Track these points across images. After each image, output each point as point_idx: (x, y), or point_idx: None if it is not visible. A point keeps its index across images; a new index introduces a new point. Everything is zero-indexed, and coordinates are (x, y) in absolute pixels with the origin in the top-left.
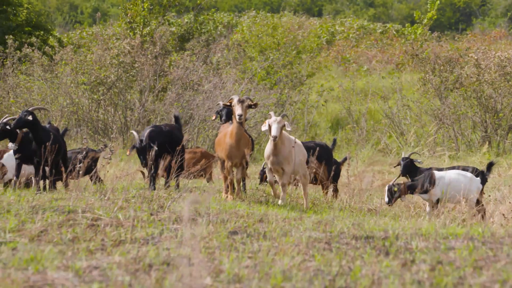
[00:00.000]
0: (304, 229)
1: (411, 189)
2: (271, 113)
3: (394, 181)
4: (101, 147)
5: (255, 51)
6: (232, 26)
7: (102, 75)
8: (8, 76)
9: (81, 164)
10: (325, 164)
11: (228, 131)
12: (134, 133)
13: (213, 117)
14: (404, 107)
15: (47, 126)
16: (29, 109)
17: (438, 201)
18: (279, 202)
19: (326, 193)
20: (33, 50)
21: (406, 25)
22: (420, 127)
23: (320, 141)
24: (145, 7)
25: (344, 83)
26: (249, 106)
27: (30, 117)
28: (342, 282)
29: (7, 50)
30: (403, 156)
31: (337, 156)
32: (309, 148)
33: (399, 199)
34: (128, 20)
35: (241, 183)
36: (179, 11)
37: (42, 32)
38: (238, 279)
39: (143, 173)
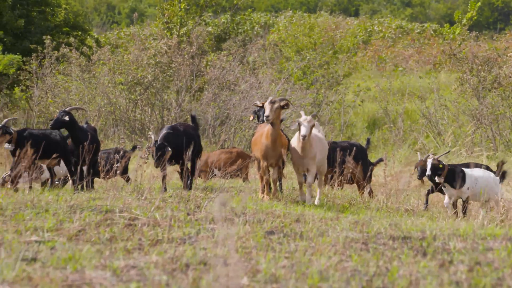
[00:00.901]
0: (341, 229)
1: (449, 174)
2: (301, 112)
3: (440, 156)
4: (133, 147)
5: (291, 51)
6: (269, 26)
7: (139, 75)
8: (46, 76)
9: (118, 163)
10: (361, 164)
11: (264, 131)
12: (151, 134)
13: (251, 117)
14: (441, 107)
15: (85, 126)
16: (66, 109)
17: (466, 199)
18: (306, 201)
19: (362, 193)
20: (71, 50)
21: (445, 25)
22: (457, 127)
23: (355, 141)
24: (182, 7)
25: (381, 83)
26: (282, 107)
27: (67, 118)
28: (379, 282)
29: (45, 50)
30: (419, 159)
31: (374, 156)
32: (343, 148)
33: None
34: (165, 20)
35: (278, 183)
36: (215, 11)
37: (80, 33)
38: (275, 279)
39: (179, 173)
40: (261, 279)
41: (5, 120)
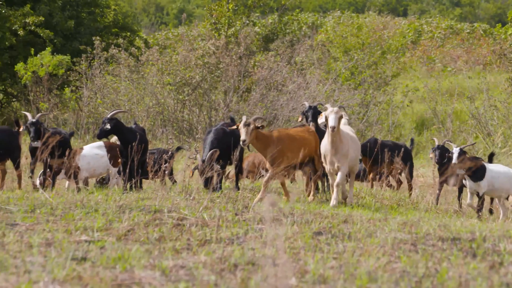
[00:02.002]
0: (389, 230)
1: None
2: (327, 105)
3: (466, 146)
4: (177, 148)
5: (339, 51)
6: (317, 27)
7: (187, 75)
8: (95, 77)
9: (166, 164)
10: (406, 164)
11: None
12: (198, 157)
13: (300, 119)
14: (491, 108)
15: (133, 126)
16: (108, 115)
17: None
18: (332, 203)
19: (411, 194)
20: (119, 51)
21: (497, 25)
22: (507, 128)
23: (402, 141)
24: (230, 8)
25: (429, 83)
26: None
27: (108, 126)
28: (429, 284)
29: (94, 51)
30: (436, 144)
31: (422, 157)
32: (386, 146)
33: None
34: (213, 21)
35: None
36: (263, 12)
37: (128, 33)
38: (323, 280)
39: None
40: (310, 280)
41: (38, 115)
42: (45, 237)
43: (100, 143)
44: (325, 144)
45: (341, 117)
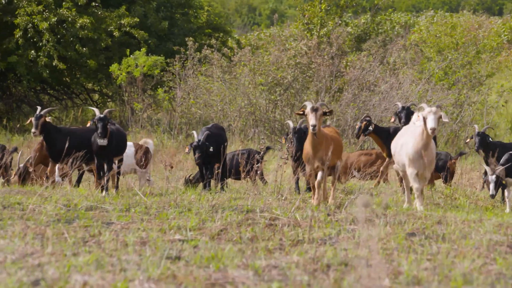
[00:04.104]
0: (484, 232)
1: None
2: (424, 105)
3: (498, 171)
4: (266, 148)
5: (433, 51)
6: (410, 26)
7: (279, 76)
8: (188, 77)
9: (258, 164)
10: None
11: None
12: (194, 132)
13: (392, 119)
14: None
15: (210, 126)
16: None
17: None
18: (418, 208)
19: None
20: (212, 52)
21: None
22: None
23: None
24: (322, 8)
25: None
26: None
27: (211, 149)
28: None
29: (188, 52)
30: (476, 131)
31: None
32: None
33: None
34: (305, 21)
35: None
36: (356, 12)
37: (221, 34)
38: (417, 281)
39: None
40: (403, 281)
41: (106, 111)
42: (140, 236)
43: (130, 143)
44: (414, 148)
45: (440, 117)
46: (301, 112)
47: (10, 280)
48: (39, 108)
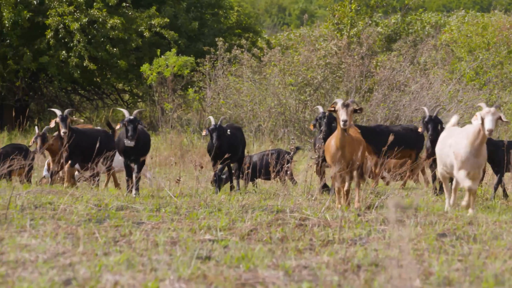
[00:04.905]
0: None
1: None
2: (482, 104)
3: None
4: (291, 149)
5: (463, 51)
6: (440, 26)
7: (309, 76)
8: (218, 77)
9: (288, 165)
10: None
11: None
12: (210, 117)
13: (420, 129)
14: None
15: (225, 125)
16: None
17: None
18: (469, 211)
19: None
20: (242, 52)
21: None
22: None
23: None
24: (352, 8)
25: None
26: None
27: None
28: None
29: (217, 52)
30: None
31: None
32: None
33: None
34: (335, 21)
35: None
36: (386, 12)
37: (251, 34)
38: (448, 282)
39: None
40: (434, 282)
41: (135, 112)
42: (170, 236)
43: None
44: (468, 148)
45: (499, 118)
46: (332, 109)
47: (42, 280)
48: (57, 110)
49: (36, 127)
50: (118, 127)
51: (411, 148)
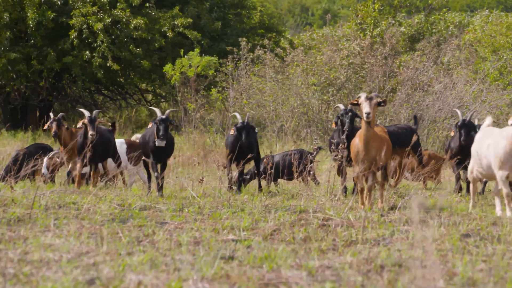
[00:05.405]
0: None
1: None
2: None
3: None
4: (314, 149)
5: (487, 51)
6: (464, 26)
7: (331, 76)
8: (241, 77)
9: (311, 165)
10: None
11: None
12: (236, 114)
13: (452, 133)
14: None
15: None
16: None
17: None
18: (508, 214)
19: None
20: (265, 52)
21: None
22: None
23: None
24: (375, 8)
25: None
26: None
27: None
28: None
29: (240, 52)
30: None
31: None
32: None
33: None
34: (358, 21)
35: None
36: (409, 12)
37: (274, 34)
38: (472, 283)
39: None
40: (458, 283)
41: (167, 111)
42: (193, 236)
43: (122, 140)
44: (505, 147)
45: None
46: (355, 102)
47: (65, 279)
48: (85, 111)
49: (51, 113)
50: (150, 126)
51: (406, 147)
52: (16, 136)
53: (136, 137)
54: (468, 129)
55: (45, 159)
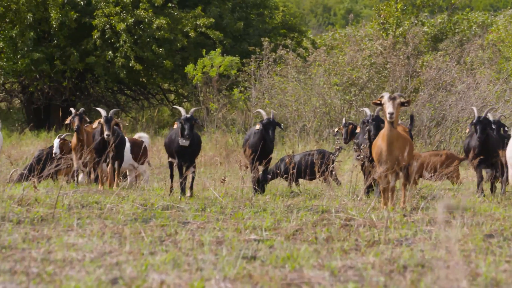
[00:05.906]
0: None
1: None
2: None
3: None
4: (336, 149)
5: (511, 50)
6: (487, 26)
7: (354, 76)
8: (263, 77)
9: (333, 165)
10: None
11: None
12: (261, 111)
13: (467, 130)
14: None
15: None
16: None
17: None
18: None
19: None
20: (287, 52)
21: None
22: None
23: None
24: (398, 7)
25: None
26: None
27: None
28: None
29: (263, 52)
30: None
31: None
32: None
33: None
34: (381, 21)
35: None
36: (432, 11)
37: (296, 34)
38: (495, 284)
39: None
40: (481, 283)
41: (192, 110)
42: (215, 236)
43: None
44: None
45: None
46: (378, 102)
47: (89, 278)
48: (101, 110)
49: (72, 108)
50: (175, 126)
51: None
52: (39, 136)
53: (139, 135)
54: (484, 126)
55: (57, 140)
